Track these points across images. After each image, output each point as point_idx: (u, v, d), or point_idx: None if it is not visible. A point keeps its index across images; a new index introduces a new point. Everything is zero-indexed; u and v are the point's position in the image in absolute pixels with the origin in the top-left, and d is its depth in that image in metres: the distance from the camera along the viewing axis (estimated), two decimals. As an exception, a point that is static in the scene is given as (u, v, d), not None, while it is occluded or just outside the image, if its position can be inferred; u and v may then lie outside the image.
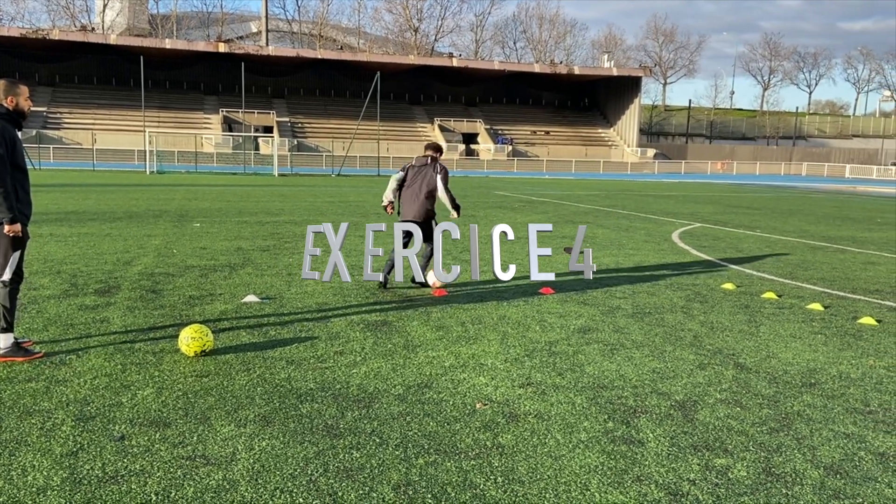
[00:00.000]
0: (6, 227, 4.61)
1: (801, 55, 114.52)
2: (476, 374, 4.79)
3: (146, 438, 3.62)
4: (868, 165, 70.86)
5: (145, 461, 3.36)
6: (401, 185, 7.75)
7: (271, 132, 58.17)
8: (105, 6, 77.79)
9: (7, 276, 4.71)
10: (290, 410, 4.04)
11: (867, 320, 6.62)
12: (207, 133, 57.31)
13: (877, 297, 7.84)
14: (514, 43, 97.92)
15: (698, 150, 77.27)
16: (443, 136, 65.44)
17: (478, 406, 4.19)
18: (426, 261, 7.66)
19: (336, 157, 46.09)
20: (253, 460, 3.40)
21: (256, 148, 55.87)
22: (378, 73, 42.05)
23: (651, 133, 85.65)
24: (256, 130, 59.01)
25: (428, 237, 7.61)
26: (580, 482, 3.27)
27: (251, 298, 6.83)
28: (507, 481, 3.26)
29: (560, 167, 62.00)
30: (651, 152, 69.93)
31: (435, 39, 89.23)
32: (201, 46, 60.63)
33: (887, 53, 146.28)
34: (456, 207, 7.76)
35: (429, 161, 7.74)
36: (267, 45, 72.57)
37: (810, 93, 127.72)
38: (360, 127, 48.73)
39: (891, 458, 3.61)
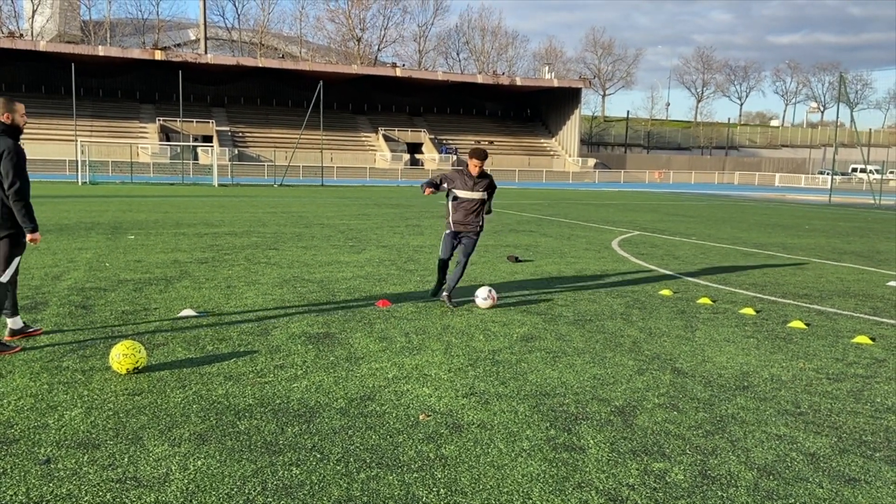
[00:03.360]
0: (29, 237, 5.25)
1: (732, 68, 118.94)
2: (420, 385, 4.76)
3: (74, 461, 3.45)
4: (796, 174, 73.97)
5: (72, 485, 3.21)
6: (443, 187, 7.32)
7: (211, 142, 56.97)
8: (34, 12, 75.00)
9: (6, 277, 5.27)
10: (228, 427, 3.93)
11: (797, 324, 6.87)
12: (143, 142, 55.73)
13: (805, 301, 8.16)
14: (458, 54, 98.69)
15: (637, 160, 79.32)
16: (387, 145, 65.34)
17: (421, 417, 4.16)
18: (457, 277, 7.38)
19: (278, 166, 45.46)
20: (187, 481, 3.29)
21: (195, 158, 54.62)
22: (321, 82, 41.70)
23: (591, 143, 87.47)
24: (195, 140, 57.67)
25: (468, 251, 7.43)
26: (522, 491, 3.27)
27: (188, 312, 6.63)
28: (449, 493, 3.24)
29: (504, 176, 62.65)
30: (592, 162, 71.39)
31: (378, 49, 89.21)
32: (136, 54, 59.05)
33: (814, 66, 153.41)
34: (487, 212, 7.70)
35: (478, 172, 7.28)
36: (206, 52, 71.20)
37: (741, 104, 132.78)
38: (302, 136, 48.20)
39: (821, 459, 3.74)
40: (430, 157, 65.05)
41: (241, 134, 62.88)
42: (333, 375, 4.91)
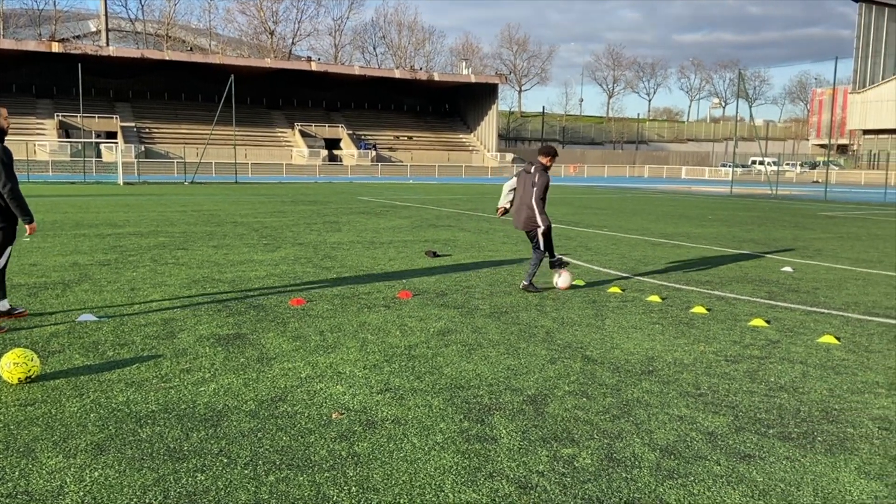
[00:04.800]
0: (28, 228, 5.90)
1: (640, 65, 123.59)
2: (333, 384, 4.69)
3: (-45, 481, 3.22)
4: (701, 167, 77.48)
5: (-48, 506, 2.99)
6: (514, 190, 8.13)
7: (115, 138, 54.35)
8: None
9: (1, 264, 5.94)
10: (128, 436, 3.76)
11: (699, 309, 7.19)
12: (41, 139, 52.60)
13: (707, 287, 8.55)
14: (375, 49, 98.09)
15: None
16: (304, 141, 64.23)
17: (334, 416, 4.11)
18: (533, 268, 8.01)
19: (189, 163, 43.85)
20: (83, 493, 3.12)
21: (98, 155, 52.01)
22: (232, 76, 40.50)
23: (509, 138, 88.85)
24: (98, 136, 54.87)
25: (535, 245, 7.98)
26: (435, 484, 3.28)
27: (87, 317, 6.30)
28: (361, 490, 3.21)
29: (424, 172, 62.76)
30: (510, 157, 72.47)
31: (293, 43, 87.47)
32: (32, 46, 55.65)
33: (715, 64, 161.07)
34: (545, 224, 7.86)
35: (533, 169, 7.91)
36: (107, 45, 67.88)
37: (650, 100, 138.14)
38: (214, 132, 46.70)
39: (719, 437, 3.92)
40: (349, 153, 64.40)
41: (147, 130, 60.35)
42: (243, 377, 4.78)
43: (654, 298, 7.71)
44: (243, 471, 3.37)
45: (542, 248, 7.93)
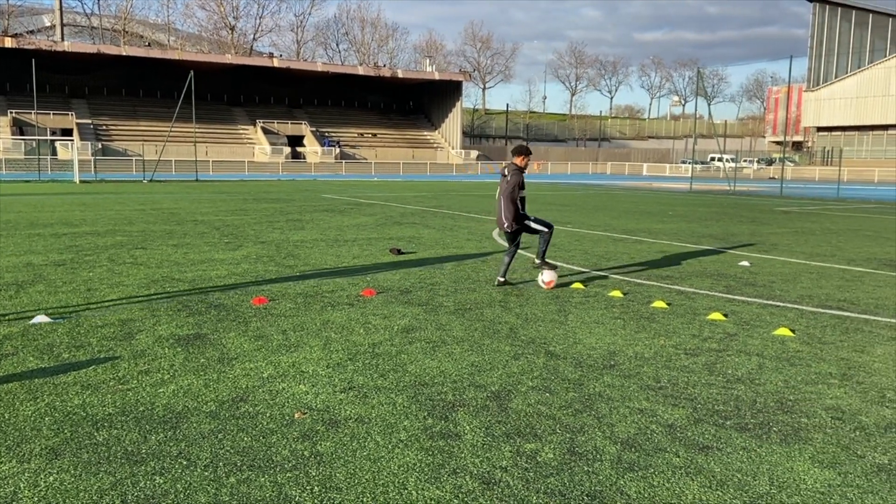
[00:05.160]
0: None
1: (602, 63, 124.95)
2: (296, 383, 4.65)
3: None
4: (662, 164, 78.72)
5: None
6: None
7: (71, 135, 52.98)
8: None
9: None
10: (84, 439, 3.67)
11: (659, 304, 7.30)
12: (-7, 136, 51.04)
13: (667, 282, 8.69)
14: (337, 45, 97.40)
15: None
16: (266, 138, 63.47)
17: (296, 416, 4.07)
18: (543, 245, 8.40)
19: (148, 161, 42.97)
20: (38, 498, 3.04)
21: (54, 153, 50.70)
22: (191, 72, 39.81)
23: (473, 136, 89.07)
24: (53, 133, 53.47)
25: (534, 232, 8.37)
26: (398, 482, 3.27)
27: (41, 319, 6.14)
28: (323, 490, 3.18)
29: (388, 169, 62.56)
30: (474, 154, 72.69)
31: (254, 38, 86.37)
32: (-18, 39, 53.91)
33: (675, 62, 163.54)
34: (524, 219, 8.23)
35: (506, 171, 8.15)
36: (62, 40, 66.11)
37: (612, 98, 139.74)
38: (173, 129, 45.86)
39: (678, 429, 3.99)
40: (313, 150, 63.84)
41: (104, 127, 59.01)
42: (203, 378, 4.71)
43: (616, 294, 7.81)
44: (203, 473, 3.32)
45: (542, 228, 8.32)
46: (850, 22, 66.93)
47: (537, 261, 8.52)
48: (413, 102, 78.37)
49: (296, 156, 63.14)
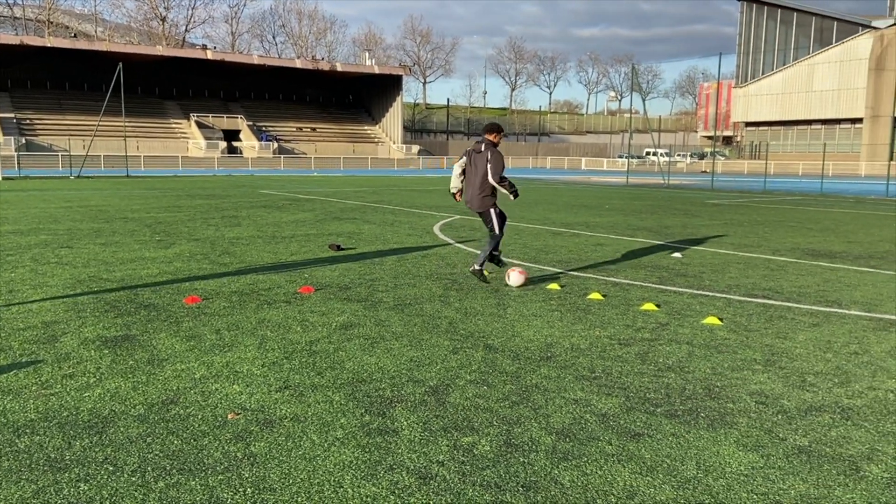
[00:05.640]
0: None
1: (541, 59, 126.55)
2: (230, 383, 4.55)
3: None
4: (599, 158, 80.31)
5: None
6: (465, 171, 7.96)
7: (-8, 129, 50.44)
8: None
9: None
10: (4, 447, 3.51)
11: (595, 296, 7.45)
12: None
13: (603, 274, 8.87)
14: (274, 37, 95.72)
15: (458, 146, 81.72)
16: (201, 132, 61.84)
17: (230, 417, 3.99)
18: (486, 252, 7.92)
19: (75, 156, 41.28)
20: (-51, 514, 2.89)
21: (-27, 148, 48.13)
22: (120, 64, 38.39)
23: (415, 130, 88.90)
24: (-28, 127, 50.76)
25: (489, 226, 7.89)
26: (334, 480, 3.24)
27: (-43, 323, 5.83)
28: (257, 491, 3.13)
29: (329, 164, 61.85)
30: (415, 148, 72.55)
31: (186, 30, 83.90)
32: None
33: (611, 58, 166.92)
34: (513, 193, 7.77)
35: (483, 147, 7.75)
36: (-19, 28, 62.75)
37: (550, 93, 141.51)
38: (102, 123, 44.19)
39: (611, 418, 4.08)
40: (250, 145, 62.54)
41: (28, 121, 56.38)
42: (132, 381, 4.56)
43: (554, 286, 7.93)
44: (130, 478, 3.22)
45: (497, 231, 7.88)
46: (776, 20, 69.59)
47: (476, 266, 7.91)
48: (353, 96, 77.65)
49: (232, 150, 61.74)
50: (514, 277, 7.87)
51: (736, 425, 3.98)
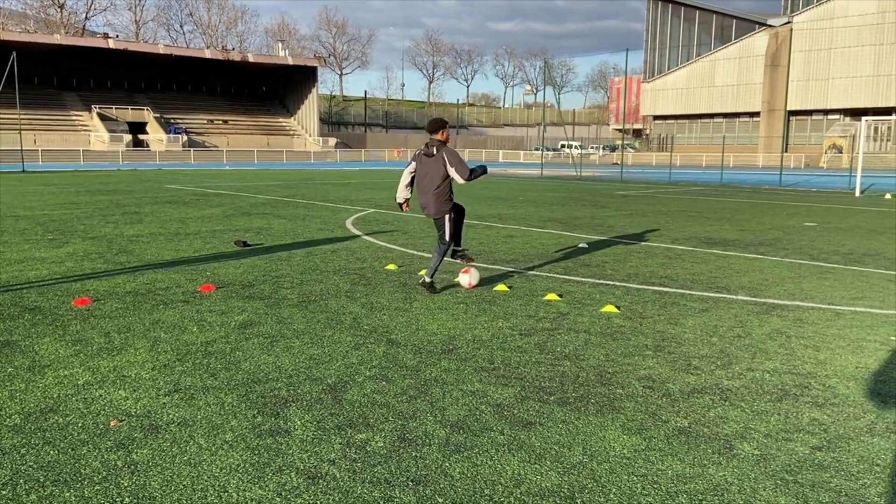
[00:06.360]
0: None
1: (458, 52, 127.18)
2: (116, 389, 4.36)
3: None
4: (517, 151, 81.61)
5: None
6: (414, 176, 7.36)
7: None
8: None
9: None
10: None
11: (501, 287, 7.56)
12: None
13: (511, 265, 9.01)
14: (181, 26, 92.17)
15: (376, 139, 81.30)
16: (104, 125, 58.92)
17: (112, 424, 3.82)
18: (437, 262, 7.30)
19: (-36, 151, 38.59)
20: None
21: None
22: (14, 53, 36.07)
23: (332, 122, 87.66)
24: None
25: (440, 233, 7.28)
26: (219, 485, 3.16)
27: None
28: (136, 500, 3.01)
29: (242, 157, 60.19)
30: (333, 141, 71.59)
31: (86, 18, 79.72)
32: None
33: (527, 52, 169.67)
34: (483, 173, 7.35)
35: (434, 149, 7.12)
36: None
37: (468, 86, 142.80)
38: (-6, 115, 41.39)
39: (505, 408, 4.15)
40: (157, 138, 60.08)
41: None
42: (9, 389, 4.30)
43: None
44: (0, 492, 3.04)
45: (448, 238, 7.21)
46: (680, 17, 72.45)
47: (427, 279, 7.26)
48: (266, 88, 75.81)
49: (138, 144, 59.14)
50: (466, 279, 7.50)
51: (623, 410, 4.12)
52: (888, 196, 23.39)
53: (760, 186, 29.49)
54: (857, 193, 24.18)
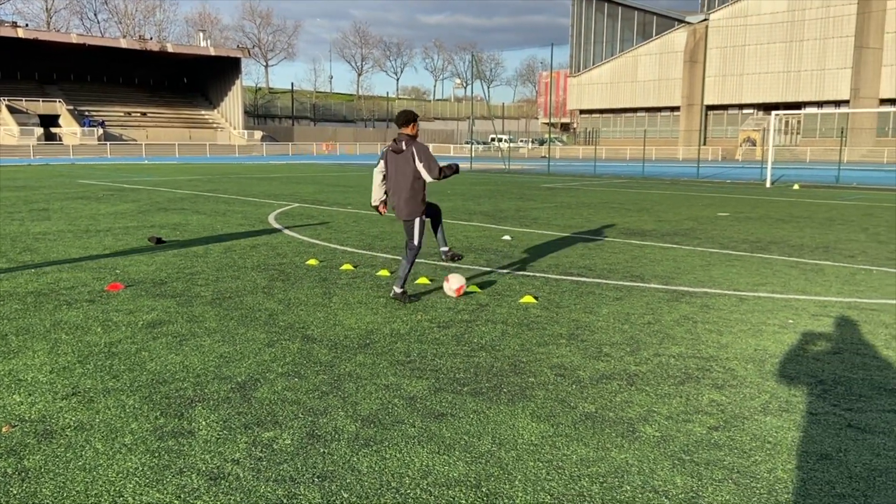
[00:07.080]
0: None
1: (387, 44, 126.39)
2: (10, 393, 4.13)
3: None
4: (447, 144, 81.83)
5: None
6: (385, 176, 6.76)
7: None
8: None
9: None
10: None
11: (423, 280, 7.55)
12: None
13: (435, 259, 9.02)
14: (96, 14, 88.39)
15: (304, 133, 79.95)
16: (13, 118, 55.78)
17: (4, 430, 3.62)
18: (406, 269, 6.64)
19: None
20: None
21: None
22: None
23: (258, 115, 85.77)
24: None
25: (409, 236, 6.71)
26: (114, 490, 3.04)
27: None
28: (22, 512, 2.86)
29: (162, 151, 58.13)
30: (258, 135, 70.00)
31: (-9, 3, 75.09)
32: None
33: (456, 46, 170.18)
34: (455, 171, 6.83)
35: (403, 145, 6.51)
36: None
37: (398, 79, 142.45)
38: None
39: (418, 400, 4.15)
40: (71, 131, 57.31)
41: None
42: None
43: (384, 273, 7.95)
44: None
45: (417, 243, 6.68)
46: (604, 13, 74.15)
47: (398, 289, 6.62)
48: (188, 79, 73.38)
49: (50, 137, 56.28)
50: (448, 286, 6.93)
51: (533, 398, 4.19)
52: (796, 186, 24.65)
53: (679, 178, 30.54)
54: (768, 184, 25.37)
